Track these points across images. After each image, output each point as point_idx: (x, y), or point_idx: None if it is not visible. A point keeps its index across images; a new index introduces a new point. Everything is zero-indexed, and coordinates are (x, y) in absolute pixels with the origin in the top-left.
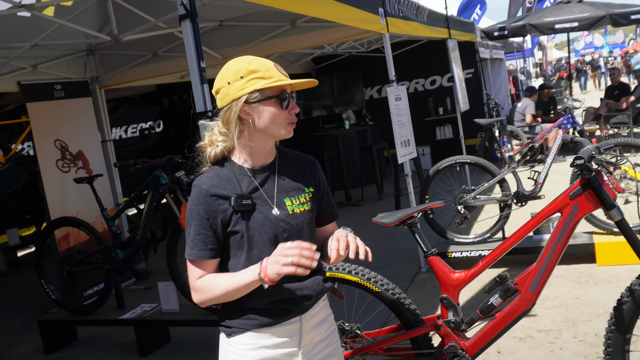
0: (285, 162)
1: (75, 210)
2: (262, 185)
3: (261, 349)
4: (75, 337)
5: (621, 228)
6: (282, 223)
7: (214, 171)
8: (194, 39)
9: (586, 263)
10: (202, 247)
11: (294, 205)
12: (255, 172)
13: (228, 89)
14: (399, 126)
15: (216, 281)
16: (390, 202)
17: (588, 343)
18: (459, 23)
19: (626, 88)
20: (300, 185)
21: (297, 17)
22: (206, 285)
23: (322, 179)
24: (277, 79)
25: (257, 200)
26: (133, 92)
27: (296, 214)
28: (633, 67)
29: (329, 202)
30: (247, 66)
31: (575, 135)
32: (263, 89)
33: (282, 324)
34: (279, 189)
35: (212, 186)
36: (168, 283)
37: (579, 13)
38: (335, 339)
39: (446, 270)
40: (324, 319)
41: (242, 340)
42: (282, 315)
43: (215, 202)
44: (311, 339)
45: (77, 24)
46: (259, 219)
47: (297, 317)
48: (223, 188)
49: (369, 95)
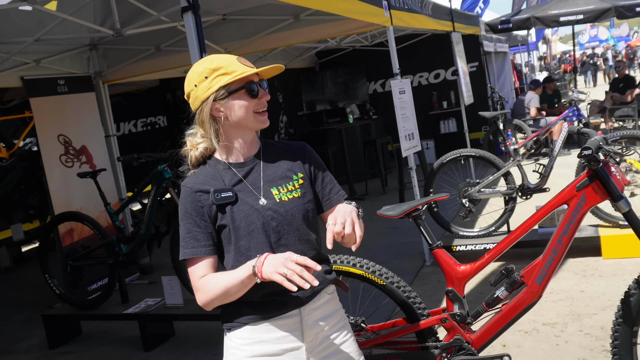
0: (270, 152)
1: (79, 205)
2: (245, 177)
3: (260, 343)
4: (80, 332)
5: (629, 219)
6: (270, 212)
7: (199, 170)
8: (197, 31)
9: (592, 256)
10: (195, 244)
11: (281, 194)
12: (238, 165)
13: (196, 91)
14: (403, 120)
15: (215, 279)
16: (395, 196)
17: (594, 336)
18: (463, 16)
19: (631, 81)
20: (287, 173)
21: (301, 10)
22: (206, 285)
23: (313, 163)
24: (240, 71)
25: (241, 193)
26: (136, 87)
27: (284, 202)
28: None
29: (327, 184)
30: (209, 65)
31: (582, 127)
32: (229, 84)
33: (280, 317)
34: (265, 179)
35: (196, 183)
36: (172, 277)
37: (583, 5)
38: (346, 335)
39: (451, 263)
40: (331, 314)
41: (240, 335)
42: (278, 308)
43: (200, 198)
44: (316, 334)
45: (79, 18)
46: (244, 210)
47: (296, 311)
48: (207, 184)
49: (372, 89)
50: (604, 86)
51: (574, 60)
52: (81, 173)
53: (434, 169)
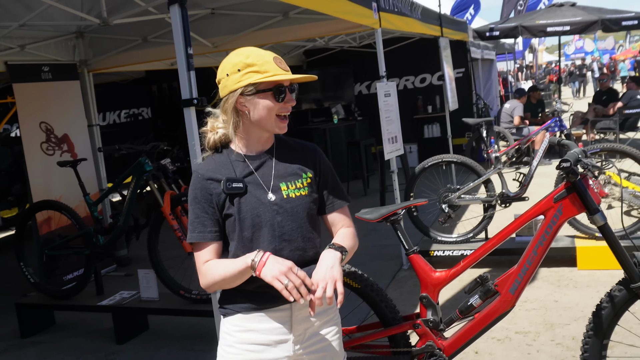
0: (283, 148)
1: (58, 193)
2: (257, 170)
3: (250, 332)
4: (53, 322)
5: (604, 233)
6: (276, 207)
7: (212, 158)
8: (182, 24)
9: (567, 266)
10: (201, 229)
11: (289, 190)
12: (251, 158)
13: (227, 80)
14: (387, 122)
15: (216, 266)
16: (376, 198)
17: (565, 346)
18: (452, 22)
19: (614, 94)
20: (297, 170)
21: (290, 8)
22: (208, 270)
23: (323, 165)
24: (272, 73)
25: (250, 185)
26: (122, 77)
27: (291, 198)
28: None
29: (334, 188)
30: (245, 59)
31: (562, 138)
32: (258, 83)
33: (271, 309)
34: (275, 174)
35: (208, 170)
36: (148, 271)
37: (571, 17)
38: (335, 334)
39: (427, 268)
40: (322, 311)
41: (233, 322)
42: (269, 300)
43: (210, 186)
44: (304, 329)
45: (66, 5)
46: (252, 202)
47: (287, 305)
48: (218, 172)
49: (358, 91)
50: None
51: (559, 71)
52: (61, 162)
53: (416, 173)
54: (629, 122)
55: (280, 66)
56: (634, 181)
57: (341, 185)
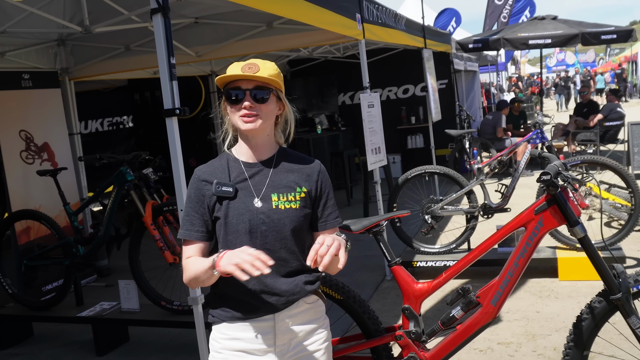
0: (283, 160)
1: (38, 203)
2: (251, 177)
3: (235, 340)
4: (31, 333)
5: (584, 245)
6: (262, 216)
7: (214, 161)
8: (165, 34)
9: (548, 277)
10: (189, 227)
11: (279, 201)
12: (248, 165)
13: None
14: (370, 133)
15: (192, 264)
16: (359, 209)
17: (547, 357)
18: (435, 33)
19: (595, 106)
20: (292, 183)
21: (274, 18)
22: (186, 266)
23: (323, 183)
24: (225, 74)
25: (242, 191)
26: (104, 85)
27: (280, 210)
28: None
29: (328, 207)
30: (229, 67)
31: (544, 151)
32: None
33: (254, 319)
34: (269, 183)
35: (204, 172)
36: (129, 281)
37: (552, 30)
38: (322, 344)
39: (409, 280)
40: (308, 322)
41: (219, 329)
42: (251, 310)
43: (204, 187)
44: (289, 339)
45: (48, 13)
46: (239, 208)
47: (270, 316)
48: (214, 175)
49: (341, 101)
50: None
51: (541, 83)
52: (41, 171)
53: (399, 184)
54: (609, 134)
55: (245, 71)
56: (614, 193)
57: (336, 205)
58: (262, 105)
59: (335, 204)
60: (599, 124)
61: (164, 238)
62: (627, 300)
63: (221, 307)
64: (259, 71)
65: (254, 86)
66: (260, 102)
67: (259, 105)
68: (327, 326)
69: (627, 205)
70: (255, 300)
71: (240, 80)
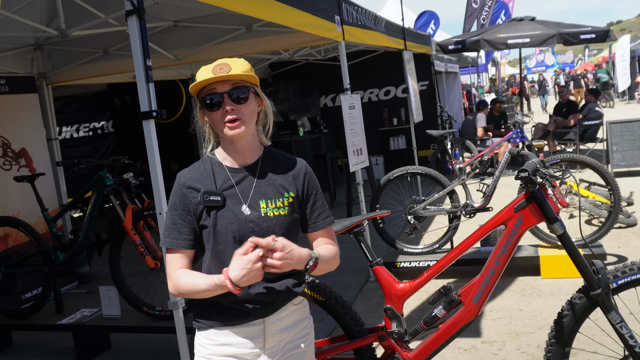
0: (269, 163)
1: (16, 210)
2: (238, 184)
3: (223, 346)
4: (11, 343)
5: (563, 242)
6: (252, 224)
7: (197, 165)
8: (141, 36)
9: (531, 275)
10: (176, 235)
11: (268, 208)
12: (234, 170)
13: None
14: (351, 135)
15: (188, 277)
16: (343, 211)
17: (530, 355)
18: (415, 35)
19: (574, 106)
20: (279, 188)
21: (253, 21)
22: (179, 278)
23: (309, 183)
24: (199, 80)
25: (229, 199)
26: (83, 90)
27: (268, 217)
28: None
29: (318, 207)
30: (198, 73)
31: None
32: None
33: (244, 324)
34: (256, 189)
35: (189, 179)
36: (110, 287)
37: (530, 30)
38: (307, 344)
39: (391, 280)
40: (295, 323)
41: (206, 335)
42: (241, 316)
43: (190, 195)
44: (278, 341)
45: (23, 17)
46: (228, 216)
47: (260, 320)
48: (199, 182)
49: (323, 104)
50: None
51: (521, 84)
52: (18, 177)
53: (381, 185)
54: (588, 133)
55: (217, 72)
56: (594, 191)
57: (326, 204)
58: (242, 107)
59: (324, 204)
60: (578, 123)
61: (145, 243)
62: (607, 296)
63: (209, 313)
64: (231, 70)
65: (231, 87)
66: (240, 103)
67: (239, 106)
68: (312, 325)
69: (607, 202)
70: (245, 306)
71: (214, 84)
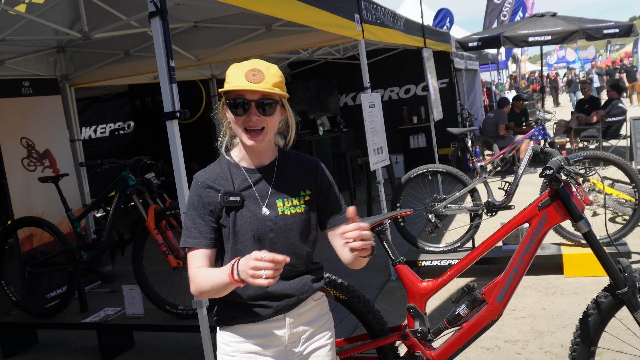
0: (285, 164)
1: (41, 210)
2: (255, 184)
3: (246, 342)
4: (36, 341)
5: (588, 240)
6: (270, 223)
7: (213, 166)
8: (164, 37)
9: (554, 274)
10: (197, 235)
11: (285, 207)
12: (250, 171)
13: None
14: (372, 133)
15: (206, 275)
16: (363, 209)
17: (554, 354)
18: (435, 33)
19: (597, 102)
20: (296, 187)
21: (273, 21)
22: (197, 277)
23: (324, 181)
24: (232, 84)
25: (247, 199)
26: (105, 91)
27: (286, 216)
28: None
29: (335, 205)
30: (229, 71)
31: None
32: (226, 93)
33: (264, 321)
34: (273, 189)
35: (207, 179)
36: (133, 287)
37: (552, 27)
38: (329, 339)
39: (414, 279)
40: (316, 318)
41: (229, 333)
42: (262, 313)
43: (208, 195)
44: (299, 336)
45: (47, 20)
46: (247, 216)
47: (281, 316)
48: (217, 182)
49: (343, 102)
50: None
51: (542, 80)
52: (42, 178)
53: (402, 184)
54: (611, 129)
55: (250, 79)
56: (618, 188)
57: (342, 200)
58: (268, 118)
59: (339, 199)
60: (601, 120)
61: (167, 242)
62: (634, 295)
63: (230, 311)
64: (264, 79)
65: (260, 97)
66: (267, 115)
67: (265, 118)
68: (332, 321)
69: (631, 200)
70: (266, 302)
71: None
